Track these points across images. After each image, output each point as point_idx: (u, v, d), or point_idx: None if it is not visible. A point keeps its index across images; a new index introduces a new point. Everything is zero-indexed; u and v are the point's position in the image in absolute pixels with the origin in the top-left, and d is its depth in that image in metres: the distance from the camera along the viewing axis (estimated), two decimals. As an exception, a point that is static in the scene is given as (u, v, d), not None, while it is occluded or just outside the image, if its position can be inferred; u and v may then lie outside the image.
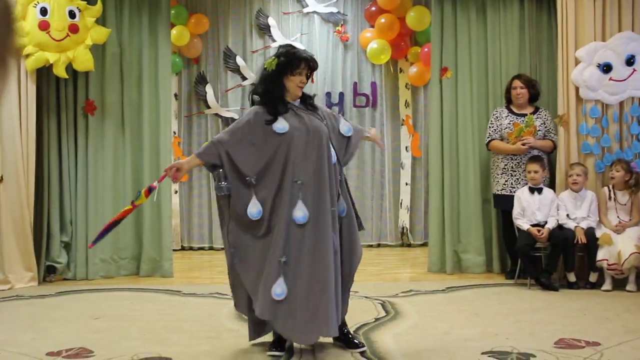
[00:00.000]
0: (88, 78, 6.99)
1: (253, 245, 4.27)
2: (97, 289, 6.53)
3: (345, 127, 4.53)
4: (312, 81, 4.53)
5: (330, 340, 4.54)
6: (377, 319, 5.29)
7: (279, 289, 4.13)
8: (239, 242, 4.31)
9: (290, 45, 4.58)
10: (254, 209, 4.22)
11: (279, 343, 4.42)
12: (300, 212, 4.17)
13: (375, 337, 4.79)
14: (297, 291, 4.15)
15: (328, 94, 8.88)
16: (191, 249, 8.91)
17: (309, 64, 4.36)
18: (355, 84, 8.97)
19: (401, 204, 9.06)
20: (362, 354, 4.40)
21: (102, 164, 7.06)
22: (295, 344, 4.49)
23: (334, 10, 8.90)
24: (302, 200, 4.19)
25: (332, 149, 4.36)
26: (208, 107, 8.79)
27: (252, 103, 4.46)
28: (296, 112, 4.35)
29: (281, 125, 4.25)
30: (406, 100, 9.00)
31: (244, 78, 8.81)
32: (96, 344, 4.60)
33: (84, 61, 6.68)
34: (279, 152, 4.24)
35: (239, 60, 8.77)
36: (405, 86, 8.97)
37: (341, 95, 8.95)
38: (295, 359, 4.33)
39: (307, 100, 4.46)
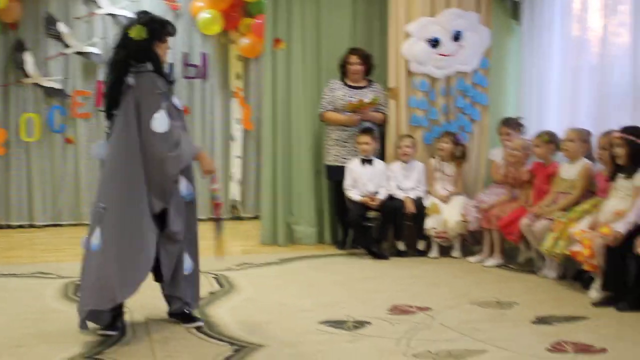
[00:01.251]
0: None
1: None
2: None
3: None
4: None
5: (165, 315, 4.42)
6: (211, 293, 5.19)
7: (187, 264, 4.35)
8: None
9: (146, 12, 4.39)
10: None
11: (112, 322, 4.21)
12: (186, 189, 4.31)
13: (210, 311, 4.71)
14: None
15: (157, 64, 8.58)
16: (9, 227, 8.36)
17: (173, 31, 4.30)
18: (185, 54, 8.73)
19: (232, 177, 8.95)
20: (199, 329, 4.31)
21: None
22: (127, 323, 4.33)
23: (164, -23, 8.60)
24: (185, 176, 4.29)
25: None
26: (27, 76, 8.24)
27: (119, 71, 4.12)
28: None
29: (177, 100, 4.26)
30: (237, 72, 8.88)
31: (66, 46, 8.33)
32: None
33: None
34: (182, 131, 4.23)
35: (62, 26, 8.29)
36: (237, 58, 8.84)
37: (170, 66, 8.67)
38: (128, 337, 4.16)
39: None
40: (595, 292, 5.07)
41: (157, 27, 4.17)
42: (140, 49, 4.10)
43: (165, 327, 4.32)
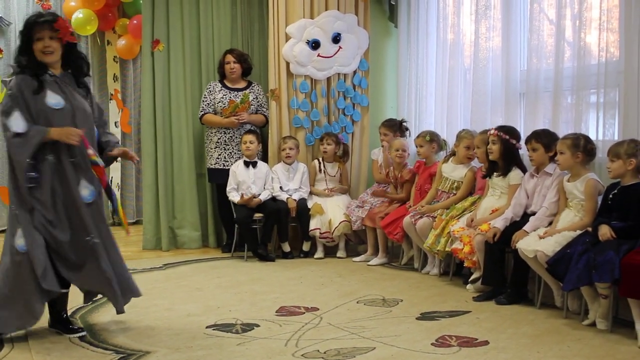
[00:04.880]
0: None
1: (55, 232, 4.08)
2: None
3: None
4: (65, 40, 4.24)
5: (45, 326, 4.27)
6: (93, 301, 5.02)
7: None
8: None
9: (50, 14, 4.28)
10: None
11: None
12: (87, 190, 4.16)
13: (93, 319, 4.59)
14: None
15: (29, 66, 8.27)
16: None
17: (50, 25, 4.08)
18: (59, 56, 8.44)
19: (111, 181, 8.74)
20: (82, 338, 4.19)
21: None
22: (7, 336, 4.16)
23: (35, -25, 8.28)
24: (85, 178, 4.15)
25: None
26: None
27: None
28: (60, 86, 4.11)
29: (55, 100, 4.05)
30: (115, 74, 8.67)
31: None
32: None
33: None
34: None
35: None
36: (114, 59, 8.63)
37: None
38: (7, 350, 3.98)
39: (80, 77, 4.25)
40: (475, 287, 5.24)
41: (26, 27, 4.11)
42: (21, 50, 4.12)
43: (47, 338, 4.16)
